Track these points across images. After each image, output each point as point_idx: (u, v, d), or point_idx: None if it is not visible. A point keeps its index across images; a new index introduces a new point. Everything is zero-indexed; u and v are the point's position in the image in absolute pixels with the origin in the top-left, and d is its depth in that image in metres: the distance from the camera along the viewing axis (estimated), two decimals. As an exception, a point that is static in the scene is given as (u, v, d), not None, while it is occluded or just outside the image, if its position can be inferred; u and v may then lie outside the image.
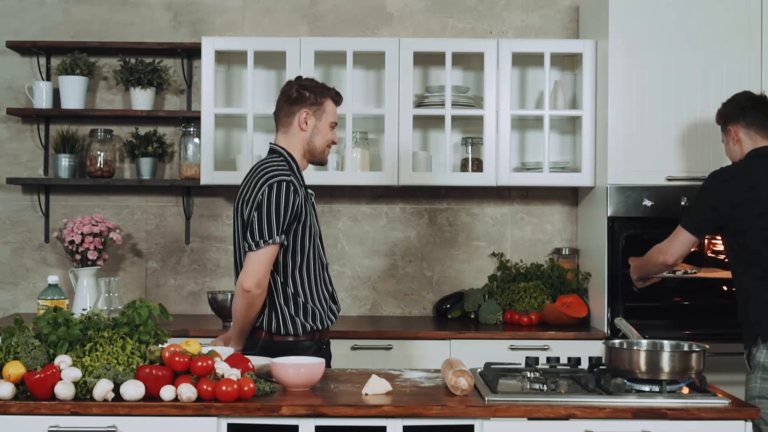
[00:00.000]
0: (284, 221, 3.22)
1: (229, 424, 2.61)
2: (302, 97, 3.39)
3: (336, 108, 3.48)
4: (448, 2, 4.83)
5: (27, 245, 4.83)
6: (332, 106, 3.46)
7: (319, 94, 3.43)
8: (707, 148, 4.24)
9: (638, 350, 2.81)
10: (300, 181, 3.35)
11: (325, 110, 3.42)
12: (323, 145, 3.43)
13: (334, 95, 3.49)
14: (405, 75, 4.45)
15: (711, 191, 3.46)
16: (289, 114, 3.39)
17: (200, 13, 4.83)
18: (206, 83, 4.46)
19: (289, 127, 3.40)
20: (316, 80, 3.51)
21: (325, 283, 3.40)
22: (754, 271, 3.35)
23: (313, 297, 3.32)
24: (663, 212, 4.24)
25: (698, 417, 2.62)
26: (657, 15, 4.24)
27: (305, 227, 3.30)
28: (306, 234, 3.31)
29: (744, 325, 3.38)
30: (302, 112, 3.38)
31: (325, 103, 3.43)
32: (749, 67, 4.23)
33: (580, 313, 4.42)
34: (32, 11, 4.82)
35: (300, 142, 3.40)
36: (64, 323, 2.70)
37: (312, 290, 3.33)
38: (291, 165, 3.36)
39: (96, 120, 4.79)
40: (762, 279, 3.34)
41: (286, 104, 3.41)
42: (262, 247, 3.19)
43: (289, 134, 3.40)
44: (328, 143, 3.45)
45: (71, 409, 2.57)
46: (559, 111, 4.58)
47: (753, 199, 3.38)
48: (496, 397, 2.65)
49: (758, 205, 3.37)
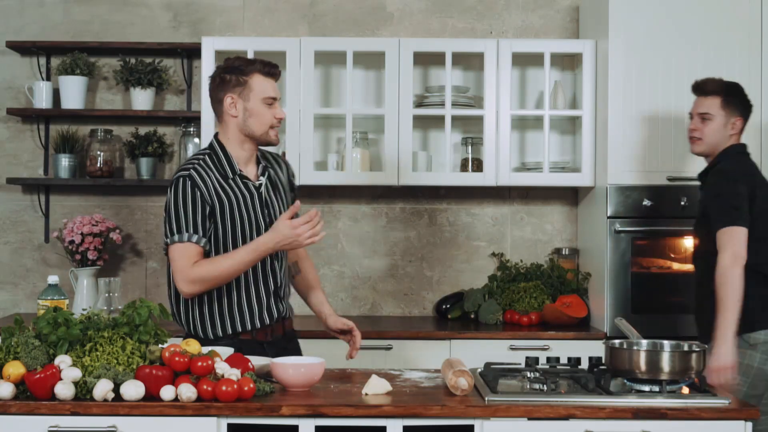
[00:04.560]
0: (185, 217, 3.05)
1: (229, 424, 2.61)
2: (224, 82, 3.14)
3: (271, 81, 3.15)
4: (448, 2, 4.83)
5: (27, 245, 4.83)
6: (261, 81, 3.13)
7: (241, 72, 3.13)
8: (707, 148, 4.25)
9: (638, 350, 2.81)
10: (225, 172, 3.15)
11: (252, 88, 3.12)
12: (262, 127, 3.14)
13: (262, 67, 3.14)
14: (405, 75, 4.45)
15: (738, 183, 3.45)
16: (217, 102, 3.16)
17: (200, 13, 4.83)
18: (206, 83, 4.45)
19: (220, 116, 3.17)
20: (245, 57, 3.25)
21: (259, 281, 3.17)
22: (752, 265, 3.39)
23: (231, 297, 3.14)
24: (663, 212, 4.24)
25: (698, 417, 2.62)
26: (657, 15, 4.24)
27: (222, 221, 3.11)
28: (222, 227, 3.11)
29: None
30: (227, 98, 3.13)
31: (250, 81, 3.12)
32: (749, 67, 4.23)
33: (580, 313, 4.42)
34: (32, 11, 4.82)
35: (234, 130, 3.15)
36: (64, 323, 2.70)
37: (231, 289, 3.14)
38: (217, 157, 3.16)
39: (96, 120, 4.79)
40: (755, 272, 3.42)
41: (212, 93, 3.18)
42: (170, 245, 3.07)
43: (222, 124, 3.18)
44: (270, 124, 3.15)
45: (71, 409, 2.57)
46: (559, 111, 4.58)
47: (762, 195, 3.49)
48: (496, 397, 2.65)
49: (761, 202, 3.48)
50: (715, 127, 3.57)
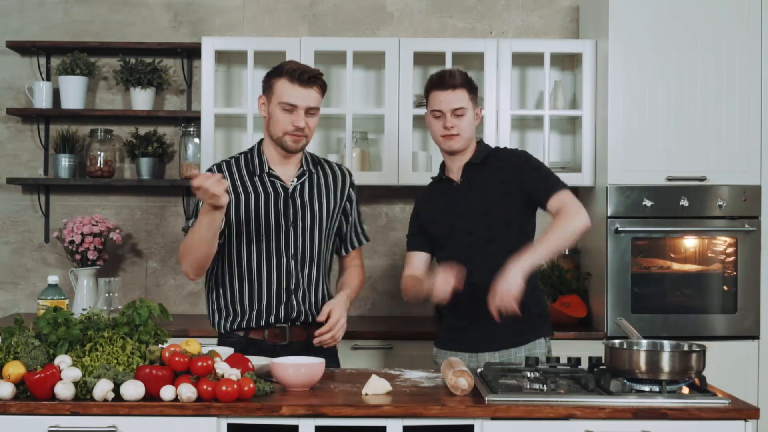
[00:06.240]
0: (197, 207, 3.15)
1: (229, 424, 2.60)
2: (263, 83, 3.24)
3: (297, 87, 3.14)
4: (448, 2, 4.83)
5: (27, 245, 4.83)
6: (284, 86, 3.14)
7: (271, 75, 3.20)
8: (707, 148, 4.25)
9: (638, 350, 2.80)
10: (253, 169, 3.24)
11: (274, 92, 3.16)
12: (277, 132, 3.18)
13: (289, 72, 3.15)
14: (405, 75, 4.45)
15: None
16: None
17: (200, 13, 4.83)
18: (206, 83, 4.46)
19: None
20: (292, 61, 3.27)
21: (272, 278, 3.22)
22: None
23: (235, 293, 3.23)
24: (663, 212, 4.24)
25: (698, 417, 2.61)
26: (657, 15, 4.24)
27: (237, 214, 3.20)
28: (237, 220, 3.21)
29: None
30: (259, 99, 3.24)
31: (275, 85, 3.17)
32: (749, 67, 4.23)
33: (580, 313, 4.42)
34: (32, 11, 4.82)
35: (265, 130, 3.26)
36: (64, 323, 2.70)
37: (243, 283, 3.23)
38: (251, 154, 3.27)
39: (96, 120, 4.79)
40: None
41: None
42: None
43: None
44: (284, 130, 3.17)
45: (71, 409, 2.56)
46: (559, 111, 4.58)
47: None
48: (496, 397, 2.65)
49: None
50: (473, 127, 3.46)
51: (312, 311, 3.27)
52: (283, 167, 3.28)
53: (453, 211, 3.40)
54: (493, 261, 3.19)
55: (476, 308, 3.18)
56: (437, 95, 3.35)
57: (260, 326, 3.22)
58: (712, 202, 4.25)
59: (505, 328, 3.21)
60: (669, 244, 4.30)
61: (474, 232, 3.35)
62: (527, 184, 3.34)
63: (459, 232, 3.37)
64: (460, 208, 3.38)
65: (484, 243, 3.34)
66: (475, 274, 3.23)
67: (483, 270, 3.21)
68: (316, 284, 3.29)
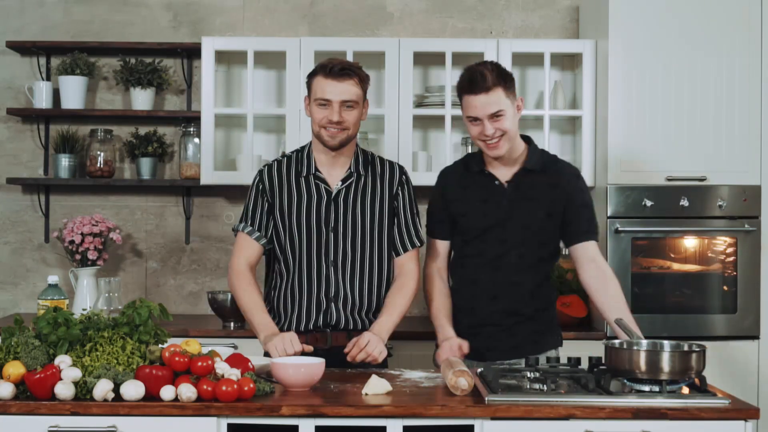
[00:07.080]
0: (246, 209, 3.25)
1: (229, 424, 2.60)
2: (306, 85, 3.26)
3: (332, 82, 3.11)
4: (448, 2, 4.83)
5: (27, 245, 4.83)
6: (319, 83, 3.14)
7: (310, 74, 3.21)
8: (707, 148, 4.25)
9: (638, 350, 2.80)
10: (300, 170, 3.25)
11: (312, 89, 3.18)
12: (315, 127, 3.18)
13: (323, 67, 3.15)
14: (405, 75, 4.45)
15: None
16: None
17: (200, 13, 4.83)
18: (206, 83, 4.46)
19: None
20: (333, 58, 3.25)
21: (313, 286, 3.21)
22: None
23: (279, 297, 3.26)
24: (663, 212, 4.24)
25: (698, 417, 2.61)
26: (657, 15, 4.24)
27: (281, 216, 3.22)
28: (281, 222, 3.23)
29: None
30: (304, 100, 3.26)
31: (312, 82, 3.17)
32: (749, 67, 4.23)
33: (580, 313, 4.41)
34: (32, 11, 4.82)
35: (311, 128, 3.25)
36: (64, 323, 2.70)
37: (287, 290, 3.25)
38: (300, 154, 3.28)
39: (96, 120, 4.79)
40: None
41: None
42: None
43: None
44: (319, 124, 3.15)
45: (71, 409, 2.56)
46: (559, 111, 4.58)
47: None
48: (496, 397, 2.65)
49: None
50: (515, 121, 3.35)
51: (358, 318, 3.24)
52: (331, 168, 3.25)
53: (491, 212, 3.22)
54: (518, 277, 3.19)
55: (492, 318, 3.21)
56: (470, 100, 3.08)
57: (299, 331, 3.21)
58: (712, 202, 4.25)
59: (518, 339, 3.22)
60: (669, 244, 4.30)
61: (508, 242, 3.21)
62: (571, 216, 3.22)
63: (492, 238, 3.22)
64: (501, 213, 3.21)
65: (515, 257, 3.22)
66: (497, 286, 3.21)
67: (505, 284, 3.20)
68: (361, 290, 3.24)
